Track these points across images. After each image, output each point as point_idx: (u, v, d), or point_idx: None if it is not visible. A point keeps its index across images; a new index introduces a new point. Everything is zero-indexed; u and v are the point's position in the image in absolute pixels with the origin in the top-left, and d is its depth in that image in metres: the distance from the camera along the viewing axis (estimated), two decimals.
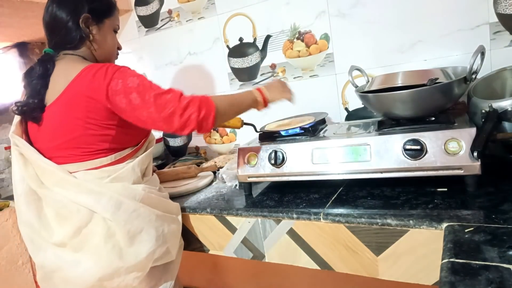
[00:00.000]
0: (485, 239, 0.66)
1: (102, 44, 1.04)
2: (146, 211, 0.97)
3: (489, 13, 1.11)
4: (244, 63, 1.55)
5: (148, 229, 0.96)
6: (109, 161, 0.98)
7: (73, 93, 0.93)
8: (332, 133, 1.11)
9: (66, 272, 0.94)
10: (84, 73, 0.93)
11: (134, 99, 0.90)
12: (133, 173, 1.00)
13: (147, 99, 0.90)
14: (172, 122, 0.90)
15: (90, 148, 0.96)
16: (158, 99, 0.91)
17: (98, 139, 0.96)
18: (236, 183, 1.23)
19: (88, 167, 0.97)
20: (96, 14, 1.01)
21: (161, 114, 0.90)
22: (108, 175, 0.97)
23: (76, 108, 0.93)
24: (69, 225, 0.93)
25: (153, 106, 0.90)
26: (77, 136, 0.95)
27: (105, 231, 0.93)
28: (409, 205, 0.86)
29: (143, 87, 0.92)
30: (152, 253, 0.96)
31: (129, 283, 0.95)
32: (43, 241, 0.95)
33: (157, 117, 0.90)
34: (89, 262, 0.92)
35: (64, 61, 0.99)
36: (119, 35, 1.84)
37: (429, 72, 1.05)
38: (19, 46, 1.90)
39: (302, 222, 0.94)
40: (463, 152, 0.84)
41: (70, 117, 0.94)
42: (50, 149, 0.98)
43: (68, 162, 0.97)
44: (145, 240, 0.95)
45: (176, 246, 1.05)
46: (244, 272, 1.80)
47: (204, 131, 0.95)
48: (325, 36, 1.36)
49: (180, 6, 1.64)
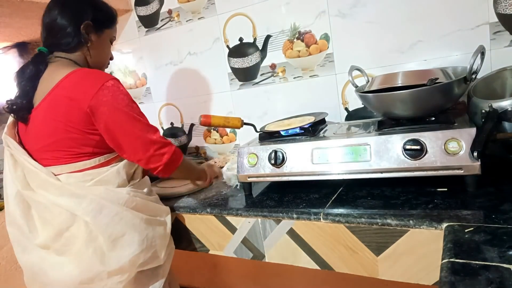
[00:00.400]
0: (485, 239, 0.66)
1: (98, 52, 1.06)
2: (129, 214, 0.96)
3: (489, 13, 1.11)
4: (244, 63, 1.55)
5: (131, 233, 0.95)
6: (93, 164, 0.98)
7: (56, 96, 0.94)
8: (332, 133, 1.11)
9: (49, 275, 0.94)
10: (70, 77, 0.94)
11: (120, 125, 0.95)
12: (117, 176, 0.99)
13: (136, 132, 0.97)
14: (149, 164, 1.00)
15: (72, 151, 0.96)
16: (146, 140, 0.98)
17: (80, 142, 0.95)
18: (236, 183, 1.23)
19: (71, 169, 0.96)
20: (97, 23, 1.03)
21: (144, 155, 0.98)
22: (92, 178, 0.97)
23: (57, 111, 0.93)
24: (50, 227, 0.94)
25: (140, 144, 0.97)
26: (59, 139, 0.95)
27: (86, 235, 0.93)
28: (409, 205, 0.86)
29: (133, 117, 0.96)
30: (136, 257, 0.95)
31: (112, 286, 0.94)
32: (28, 242, 0.96)
33: (139, 157, 0.99)
34: (70, 265, 0.93)
35: (55, 64, 1.00)
36: (119, 35, 1.85)
37: (429, 72, 1.05)
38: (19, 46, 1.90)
39: (302, 222, 0.94)
40: (463, 152, 0.84)
41: (51, 119, 0.94)
42: (37, 151, 0.98)
43: (53, 164, 0.97)
44: (128, 244, 0.94)
45: (164, 250, 1.03)
46: (244, 272, 1.80)
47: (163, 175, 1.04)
48: (325, 36, 1.36)
49: (180, 6, 1.64)
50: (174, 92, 1.78)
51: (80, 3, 1.01)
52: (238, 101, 1.62)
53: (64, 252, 0.94)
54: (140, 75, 1.87)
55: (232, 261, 1.77)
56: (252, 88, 1.56)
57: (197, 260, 1.88)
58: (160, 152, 0.99)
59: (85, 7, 1.01)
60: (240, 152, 1.12)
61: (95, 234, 0.93)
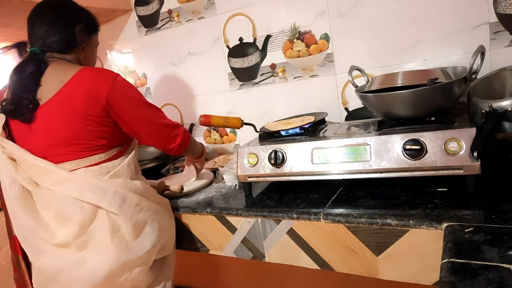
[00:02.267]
0: (485, 239, 0.66)
1: (89, 55, 1.12)
2: (147, 204, 1.00)
3: (489, 13, 1.11)
4: (244, 63, 1.55)
5: (150, 221, 0.99)
6: (107, 156, 1.01)
7: (72, 92, 0.96)
8: (332, 133, 1.11)
9: (71, 273, 0.93)
10: (82, 74, 0.97)
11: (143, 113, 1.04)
12: (129, 169, 1.03)
13: (158, 120, 1.08)
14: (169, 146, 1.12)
15: (89, 144, 0.98)
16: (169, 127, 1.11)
17: (97, 135, 0.99)
18: (236, 183, 1.23)
19: (88, 163, 0.98)
20: (88, 28, 1.10)
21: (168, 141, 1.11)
22: (108, 171, 0.99)
23: (75, 105, 0.95)
24: (71, 224, 0.93)
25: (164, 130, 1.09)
26: (77, 132, 0.96)
27: (110, 227, 0.93)
28: (409, 205, 0.86)
29: (151, 107, 1.08)
30: (155, 245, 0.99)
31: (135, 277, 0.96)
32: (44, 243, 0.94)
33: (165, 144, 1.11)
34: (95, 259, 0.92)
35: (55, 63, 1.01)
36: (119, 35, 1.85)
37: (429, 72, 1.05)
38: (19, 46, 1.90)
39: (302, 222, 0.94)
40: (463, 152, 0.84)
41: (69, 114, 0.95)
42: (43, 148, 0.97)
43: (66, 160, 0.97)
44: (149, 232, 0.98)
45: (172, 240, 1.09)
46: (244, 272, 1.80)
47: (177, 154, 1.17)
48: (325, 36, 1.36)
49: (180, 6, 1.64)
50: (174, 92, 1.78)
51: (74, 9, 1.08)
52: (238, 101, 1.62)
53: (85, 247, 0.93)
54: (140, 75, 1.87)
55: (232, 261, 1.77)
56: (252, 88, 1.56)
57: (197, 260, 1.87)
58: (174, 134, 1.11)
59: (79, 12, 1.08)
60: (240, 152, 1.12)
61: (118, 225, 0.95)
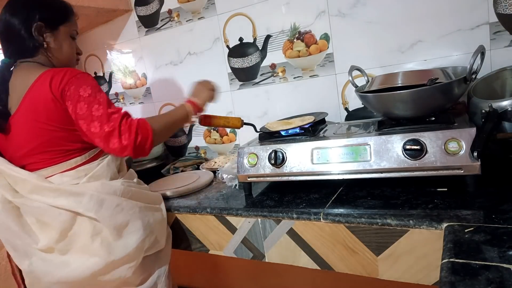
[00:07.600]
0: (485, 239, 0.66)
1: (58, 52, 1.02)
2: (128, 204, 0.98)
3: (489, 13, 1.11)
4: (244, 63, 1.55)
5: (133, 220, 0.98)
6: (84, 159, 0.99)
7: (33, 98, 0.93)
8: (332, 133, 1.11)
9: (55, 275, 0.95)
10: (43, 77, 0.93)
11: (80, 109, 0.90)
12: (108, 169, 1.01)
13: (93, 112, 0.90)
14: (109, 142, 0.90)
15: (62, 149, 0.96)
16: (103, 115, 0.90)
17: (68, 139, 0.96)
18: (236, 183, 1.23)
19: (63, 168, 0.97)
20: (49, 22, 0.99)
21: (101, 130, 0.89)
22: (85, 174, 0.97)
23: (38, 113, 0.93)
24: (52, 230, 0.94)
25: (96, 121, 0.90)
26: (45, 140, 0.94)
27: (91, 230, 0.94)
28: (409, 205, 0.86)
29: (93, 98, 0.91)
30: (142, 242, 0.98)
31: (123, 274, 0.97)
32: (28, 247, 0.95)
33: (97, 133, 0.90)
34: (78, 261, 0.94)
35: (21, 68, 0.99)
36: (119, 35, 1.85)
37: (429, 72, 1.05)
38: None
39: (302, 222, 0.94)
40: (463, 152, 0.84)
41: (33, 122, 0.93)
42: (20, 157, 0.98)
43: (41, 167, 0.96)
44: (132, 231, 0.97)
45: (164, 235, 1.08)
46: (244, 272, 1.79)
47: (141, 156, 0.94)
48: (325, 36, 1.36)
49: (180, 6, 1.64)
50: (174, 92, 1.78)
51: (25, 7, 0.97)
52: (238, 101, 1.62)
53: (68, 250, 0.95)
54: (140, 75, 1.87)
55: (232, 261, 1.77)
56: (252, 88, 1.56)
57: (197, 260, 1.87)
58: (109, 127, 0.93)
59: (32, 9, 0.97)
60: (240, 152, 1.12)
61: (100, 227, 0.95)
